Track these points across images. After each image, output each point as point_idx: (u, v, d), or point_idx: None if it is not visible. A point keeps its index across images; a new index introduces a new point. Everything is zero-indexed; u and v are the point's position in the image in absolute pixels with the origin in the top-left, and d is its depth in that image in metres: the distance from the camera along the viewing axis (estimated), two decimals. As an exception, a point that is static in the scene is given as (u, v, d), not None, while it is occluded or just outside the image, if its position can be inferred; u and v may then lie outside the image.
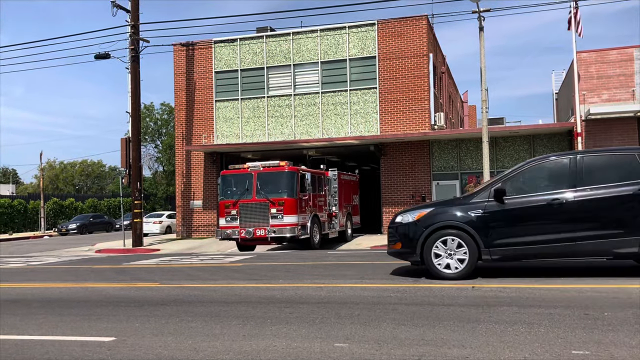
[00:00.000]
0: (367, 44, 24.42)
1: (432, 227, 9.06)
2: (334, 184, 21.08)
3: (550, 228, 8.68)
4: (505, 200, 8.86)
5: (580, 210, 8.59)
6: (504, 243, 8.82)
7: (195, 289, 9.28)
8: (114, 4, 21.63)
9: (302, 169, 18.48)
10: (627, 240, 8.41)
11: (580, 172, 8.76)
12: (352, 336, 5.56)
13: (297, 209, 17.58)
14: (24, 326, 6.61)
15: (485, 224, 8.86)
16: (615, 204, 8.51)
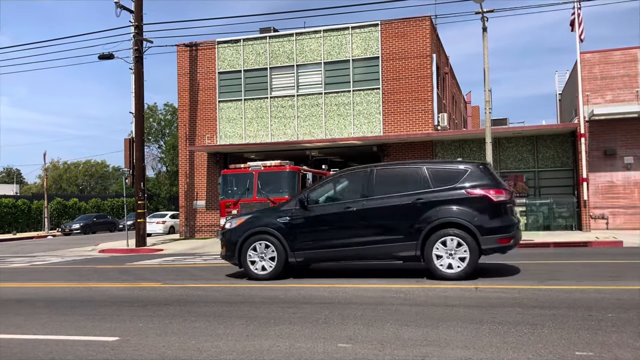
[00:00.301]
0: (370, 45, 24.42)
1: (247, 233, 10.08)
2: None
3: (343, 233, 9.65)
4: (309, 209, 9.87)
5: (368, 217, 9.54)
6: (305, 247, 9.82)
7: (198, 289, 9.29)
8: (117, 5, 21.67)
9: (303, 169, 18.38)
10: (406, 245, 9.35)
11: (372, 184, 9.79)
12: (355, 336, 5.57)
13: None
14: (29, 325, 6.63)
15: (291, 230, 9.86)
16: (397, 213, 9.45)
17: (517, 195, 22.72)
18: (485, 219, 9.14)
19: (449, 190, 9.35)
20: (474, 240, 9.07)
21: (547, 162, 22.72)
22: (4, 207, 41.38)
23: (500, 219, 9.28)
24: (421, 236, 9.20)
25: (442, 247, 9.16)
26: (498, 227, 9.19)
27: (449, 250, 9.15)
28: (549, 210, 21.95)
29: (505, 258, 13.25)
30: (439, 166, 9.87)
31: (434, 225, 9.18)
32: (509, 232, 9.31)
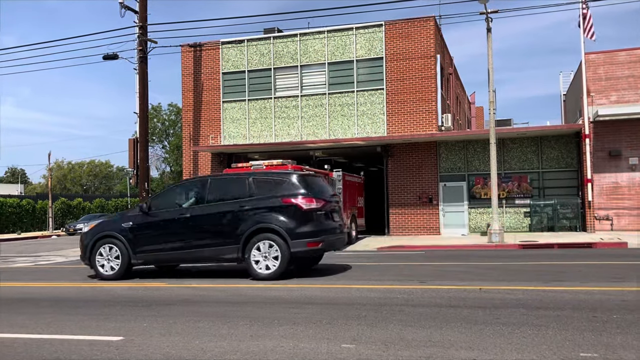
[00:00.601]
0: (374, 45, 24.41)
1: (97, 236, 11.05)
2: (338, 185, 20.72)
3: (179, 237, 10.55)
4: (150, 214, 10.78)
5: (200, 223, 10.48)
6: (145, 250, 10.71)
7: (202, 289, 9.30)
8: (122, 5, 21.72)
9: (305, 169, 18.32)
10: (231, 248, 10.28)
11: (206, 192, 10.79)
12: (359, 337, 5.56)
13: None
14: (33, 325, 6.65)
15: (133, 234, 10.77)
16: (223, 219, 10.44)
17: (521, 196, 22.69)
18: (295, 224, 10.11)
19: (268, 198, 10.39)
20: (285, 243, 10.01)
21: (552, 162, 22.67)
22: (8, 207, 41.51)
23: (310, 225, 10.21)
24: (242, 240, 10.18)
25: (258, 250, 10.16)
26: (307, 232, 10.12)
27: (264, 253, 10.14)
28: (553, 211, 21.90)
29: (510, 259, 13.24)
30: (264, 176, 11.01)
31: (252, 230, 10.19)
32: (317, 236, 10.25)
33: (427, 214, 23.55)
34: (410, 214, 23.76)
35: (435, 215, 23.48)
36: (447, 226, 23.37)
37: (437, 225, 23.40)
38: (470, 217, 23.26)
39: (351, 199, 22.10)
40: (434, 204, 23.49)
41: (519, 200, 22.72)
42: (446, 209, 23.46)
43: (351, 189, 22.18)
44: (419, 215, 23.64)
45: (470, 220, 23.23)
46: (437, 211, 23.47)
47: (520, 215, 22.66)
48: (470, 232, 23.06)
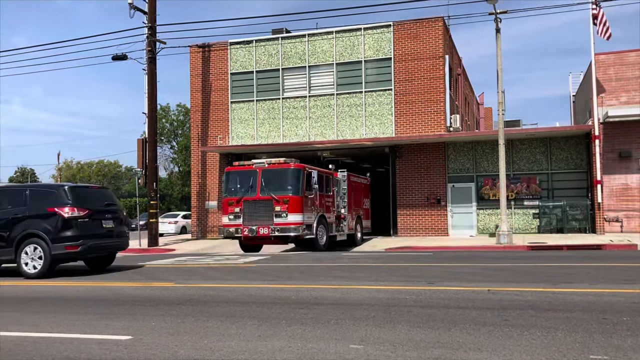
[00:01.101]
0: (382, 46, 24.38)
1: None
2: (343, 185, 20.41)
3: None
4: None
5: None
6: None
7: (210, 289, 9.32)
8: (131, 6, 21.82)
9: (308, 167, 17.91)
10: (8, 251, 11.91)
11: None
12: (367, 338, 5.56)
13: (302, 207, 16.97)
14: (43, 324, 6.69)
15: None
16: (4, 226, 12.01)
17: (529, 197, 22.58)
18: (56, 230, 11.69)
19: (38, 208, 11.93)
20: (47, 246, 11.61)
21: (561, 164, 22.55)
22: (18, 207, 41.73)
23: (71, 231, 11.79)
24: (14, 244, 11.83)
25: (26, 254, 11.79)
26: (67, 237, 11.71)
27: (31, 255, 11.78)
28: (563, 213, 21.79)
29: (518, 260, 13.19)
30: (39, 188, 12.98)
31: (22, 235, 11.84)
32: (77, 241, 11.80)
33: (435, 215, 23.49)
34: (418, 215, 23.71)
35: (444, 216, 23.41)
36: (455, 227, 23.30)
37: (445, 226, 23.34)
38: (478, 218, 23.18)
39: (356, 200, 21.80)
40: (442, 205, 23.42)
41: (528, 201, 22.62)
42: (454, 210, 23.39)
43: (356, 190, 21.93)
44: (427, 216, 23.58)
45: (479, 222, 23.16)
46: (445, 212, 23.41)
47: (529, 217, 22.56)
48: (478, 233, 22.98)
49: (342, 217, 20.10)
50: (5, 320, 6.95)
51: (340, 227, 20.01)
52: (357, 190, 22.02)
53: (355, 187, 21.69)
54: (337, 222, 19.84)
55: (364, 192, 22.99)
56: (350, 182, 21.08)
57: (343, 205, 20.29)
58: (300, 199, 16.99)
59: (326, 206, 18.89)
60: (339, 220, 19.97)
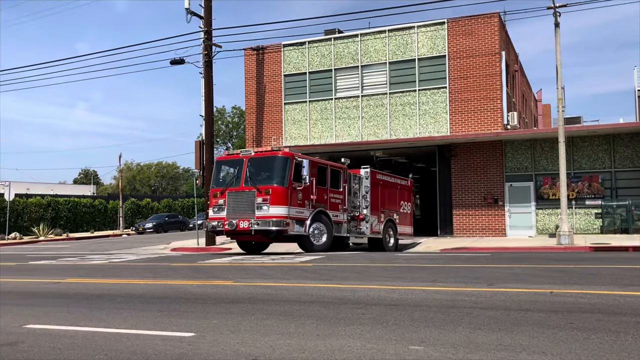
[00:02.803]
0: (436, 43, 24.07)
1: None
2: (365, 183, 18.87)
3: None
4: None
5: None
6: None
7: (268, 287, 9.45)
8: (188, 11, 22.39)
9: (298, 156, 16.33)
10: None
11: None
12: (426, 339, 5.51)
13: (287, 199, 15.55)
14: (110, 320, 6.96)
15: None
16: None
17: (591, 197, 21.78)
18: None
19: None
20: None
21: (625, 162, 21.64)
22: (82, 207, 43.59)
23: None
24: None
25: None
26: None
27: None
28: (627, 213, 20.92)
29: (581, 262, 12.74)
30: None
31: None
32: None
33: (492, 215, 23.02)
34: (474, 215, 23.29)
35: (501, 216, 22.91)
36: (513, 228, 22.76)
37: (503, 226, 22.83)
38: (537, 218, 22.56)
39: (387, 201, 20.10)
40: (499, 204, 22.92)
41: (590, 200, 21.83)
42: (512, 210, 22.85)
43: (387, 191, 20.21)
44: (484, 216, 23.14)
45: (538, 222, 22.53)
46: (502, 212, 22.90)
47: (590, 217, 21.78)
48: (537, 233, 22.37)
49: (360, 218, 18.63)
50: (75, 316, 7.27)
51: (358, 229, 18.60)
52: (390, 191, 20.42)
53: (386, 187, 20.13)
54: (353, 222, 18.49)
55: (401, 194, 21.26)
56: (377, 181, 19.50)
57: (365, 205, 18.79)
58: (285, 190, 15.61)
59: (332, 202, 17.44)
60: (357, 221, 18.57)
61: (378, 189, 19.44)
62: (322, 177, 17.05)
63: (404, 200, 21.30)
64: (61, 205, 41.16)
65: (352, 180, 18.61)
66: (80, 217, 43.11)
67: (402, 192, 21.31)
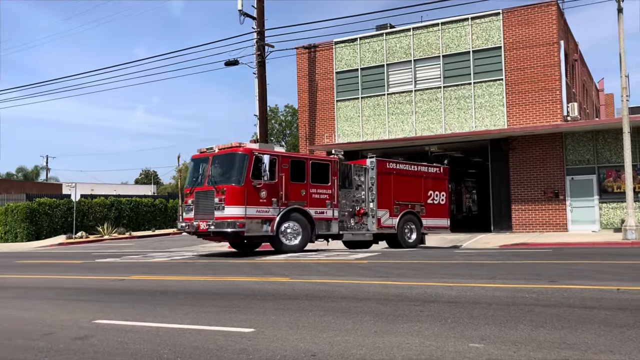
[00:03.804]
0: (491, 35, 23.53)
1: None
2: (371, 174, 17.90)
3: None
4: None
5: None
6: None
7: (324, 284, 9.51)
8: (241, 13, 22.77)
9: (258, 150, 15.41)
10: None
11: None
12: (487, 337, 5.42)
13: (244, 199, 14.84)
14: (173, 315, 7.18)
15: None
16: None
17: (661, 189, 20.79)
18: None
19: None
20: None
21: (698, 152, 20.56)
22: (144, 207, 45.05)
23: None
24: None
25: None
26: None
27: None
28: (701, 206, 19.85)
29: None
30: None
31: None
32: None
33: (553, 209, 22.34)
34: (534, 210, 22.67)
35: (562, 210, 22.21)
36: (575, 222, 22.01)
37: (564, 221, 22.11)
38: (601, 212, 21.73)
39: (405, 192, 18.69)
40: (560, 198, 22.22)
41: (659, 194, 20.84)
42: (574, 204, 22.10)
43: (405, 180, 18.77)
44: (544, 211, 22.49)
45: (602, 216, 21.70)
46: (563, 206, 22.18)
47: (660, 210, 20.80)
48: (601, 228, 21.55)
49: (361, 212, 17.78)
50: (140, 312, 7.54)
51: (361, 225, 17.77)
52: (410, 181, 18.93)
53: (403, 176, 18.72)
54: (355, 218, 17.75)
55: (428, 183, 19.56)
56: (388, 171, 18.29)
57: (371, 199, 17.90)
58: (240, 189, 14.91)
59: (314, 199, 16.49)
60: (359, 216, 17.78)
61: (390, 180, 18.28)
62: (299, 172, 16.19)
63: (433, 190, 19.65)
64: (124, 205, 42.65)
65: (352, 173, 17.70)
66: (141, 216, 44.57)
67: (431, 181, 19.69)
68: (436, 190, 19.63)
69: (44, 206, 35.19)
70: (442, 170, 20.20)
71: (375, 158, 18.17)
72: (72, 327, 6.64)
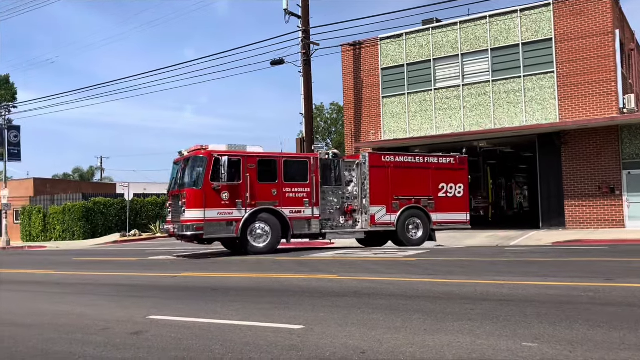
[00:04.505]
0: (541, 26, 22.89)
1: None
2: (363, 169, 17.36)
3: None
4: None
5: None
6: None
7: (372, 282, 9.49)
8: (286, 12, 22.93)
9: (217, 152, 15.33)
10: None
11: None
12: (541, 336, 5.29)
13: (202, 202, 14.97)
14: (224, 312, 7.31)
15: None
16: None
17: None
18: None
19: None
20: None
21: None
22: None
23: None
24: None
25: None
26: None
27: None
28: None
29: None
30: None
31: None
32: None
33: (608, 205, 21.57)
34: (587, 206, 21.95)
35: (618, 206, 21.41)
36: (632, 218, 21.19)
37: (621, 217, 21.32)
38: (661, 208, 20.84)
39: (406, 185, 17.79)
40: (616, 194, 21.44)
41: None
42: (631, 200, 21.28)
43: (407, 173, 17.88)
44: (599, 206, 21.74)
45: (662, 212, 20.82)
46: (620, 202, 21.39)
47: None
48: (661, 224, 20.66)
49: (349, 210, 17.35)
50: (192, 308, 7.71)
51: (350, 222, 17.37)
52: (414, 173, 17.96)
53: (405, 169, 17.88)
54: (345, 216, 17.36)
55: (439, 175, 18.32)
56: (384, 164, 17.59)
57: (363, 195, 17.39)
58: (198, 192, 15.07)
59: (289, 198, 16.25)
60: (348, 214, 17.34)
61: (386, 173, 17.53)
62: (269, 172, 16.03)
63: (446, 182, 18.34)
64: (174, 204, 43.73)
65: (342, 169, 17.34)
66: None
67: (442, 173, 18.37)
68: (450, 182, 18.40)
69: (99, 205, 36.42)
70: (458, 160, 18.89)
71: (368, 152, 17.60)
72: (127, 322, 6.85)
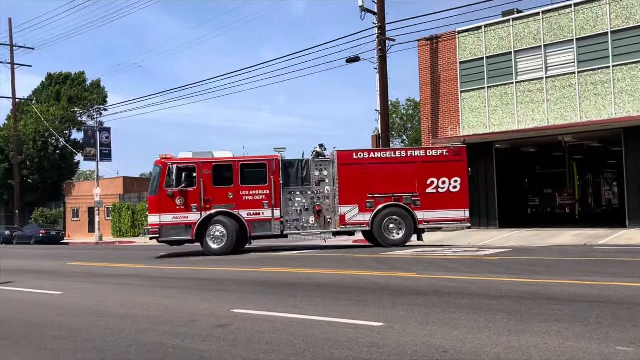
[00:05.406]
0: (633, 12, 21.57)
1: None
2: (332, 169, 17.16)
3: None
4: None
5: None
6: None
7: (452, 280, 9.32)
8: (362, 9, 22.89)
9: (172, 161, 16.69)
10: None
11: None
12: (636, 340, 5.01)
13: (158, 207, 16.58)
14: (303, 307, 7.42)
15: None
16: None
17: None
18: None
19: None
20: None
21: None
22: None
23: None
24: None
25: None
26: None
27: None
28: None
29: None
30: None
31: None
32: None
33: None
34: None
35: None
36: None
37: None
38: None
39: (384, 183, 17.07)
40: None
41: None
42: None
43: (387, 169, 17.16)
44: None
45: None
46: None
47: None
48: None
49: (317, 210, 17.16)
50: (273, 302, 7.88)
51: (320, 222, 17.18)
52: (396, 169, 17.16)
53: (383, 164, 17.22)
54: (311, 216, 17.16)
55: (429, 169, 17.24)
56: (357, 162, 17.08)
57: (333, 196, 17.22)
58: (154, 198, 16.82)
59: (247, 201, 16.74)
60: (315, 213, 17.12)
61: (358, 171, 17.00)
62: (225, 176, 16.78)
63: (437, 176, 17.21)
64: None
65: (311, 168, 17.19)
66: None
67: (432, 166, 17.24)
68: (443, 177, 17.19)
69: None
70: (452, 151, 17.52)
71: (336, 149, 17.27)
72: (211, 315, 7.10)
